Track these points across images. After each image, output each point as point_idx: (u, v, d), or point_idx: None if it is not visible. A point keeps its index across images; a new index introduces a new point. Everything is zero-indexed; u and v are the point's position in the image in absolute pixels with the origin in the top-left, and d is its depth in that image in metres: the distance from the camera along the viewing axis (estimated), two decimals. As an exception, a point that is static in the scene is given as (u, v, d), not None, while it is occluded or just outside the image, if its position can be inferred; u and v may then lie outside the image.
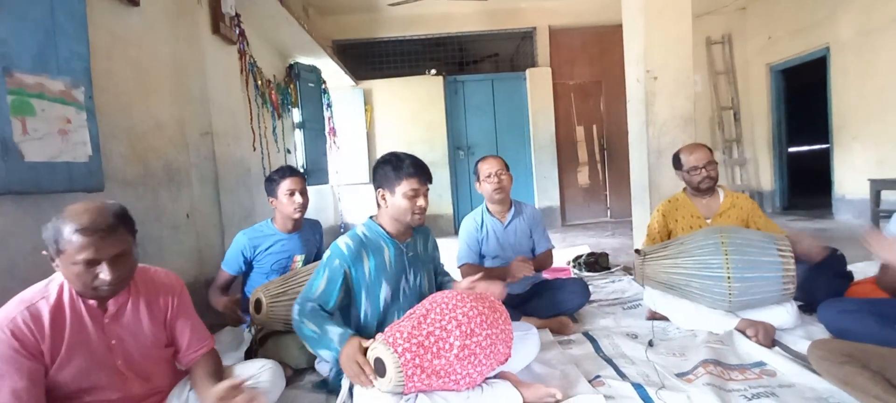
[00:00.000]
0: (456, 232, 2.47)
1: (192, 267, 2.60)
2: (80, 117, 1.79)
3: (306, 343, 1.56)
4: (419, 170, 1.63)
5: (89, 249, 1.13)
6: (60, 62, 1.72)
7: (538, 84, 6.21)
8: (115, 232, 1.17)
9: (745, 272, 1.89)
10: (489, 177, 2.31)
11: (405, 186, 1.60)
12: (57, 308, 1.20)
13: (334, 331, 1.49)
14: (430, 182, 1.68)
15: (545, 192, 6.28)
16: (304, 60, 4.93)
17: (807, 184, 6.52)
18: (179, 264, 2.47)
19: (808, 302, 2.16)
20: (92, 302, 1.24)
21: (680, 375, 1.68)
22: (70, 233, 1.12)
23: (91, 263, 1.14)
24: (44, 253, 1.18)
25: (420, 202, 1.63)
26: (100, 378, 1.24)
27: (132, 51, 2.29)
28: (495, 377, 1.59)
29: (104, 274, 1.16)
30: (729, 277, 1.89)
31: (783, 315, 1.98)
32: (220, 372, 1.44)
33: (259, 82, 3.88)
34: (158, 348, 1.36)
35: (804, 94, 6.48)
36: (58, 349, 1.18)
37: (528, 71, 6.24)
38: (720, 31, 6.26)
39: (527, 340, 1.79)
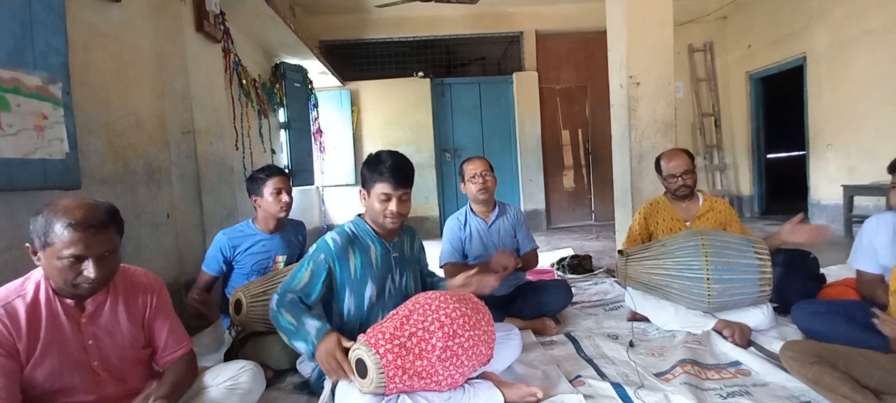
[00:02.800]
0: (442, 234, 2.48)
1: (171, 268, 2.56)
2: (57, 113, 1.75)
3: (281, 334, 1.53)
4: (394, 175, 1.55)
5: (78, 245, 1.11)
6: (37, 56, 1.68)
7: (525, 88, 6.27)
8: (106, 230, 1.16)
9: (723, 274, 1.94)
10: (474, 177, 2.33)
11: (378, 189, 1.57)
12: (33, 306, 1.18)
13: (312, 324, 1.47)
14: (408, 186, 1.61)
15: (531, 196, 6.33)
16: (291, 60, 4.89)
17: (784, 189, 6.69)
18: (159, 264, 2.43)
19: (783, 304, 2.22)
20: (69, 300, 1.22)
21: (658, 374, 1.71)
22: (61, 227, 1.10)
23: (78, 259, 1.13)
24: (27, 246, 1.16)
25: (391, 207, 1.57)
26: (73, 379, 1.22)
27: (112, 46, 2.25)
28: (477, 377, 1.60)
29: (89, 271, 1.14)
30: (708, 278, 1.93)
31: (759, 316, 2.03)
32: (193, 375, 1.42)
33: (243, 81, 3.85)
34: (135, 349, 1.34)
35: (782, 102, 6.66)
36: (33, 348, 1.16)
37: (514, 75, 6.29)
38: (702, 38, 6.40)
39: (509, 341, 1.80)
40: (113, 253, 1.20)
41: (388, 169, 1.56)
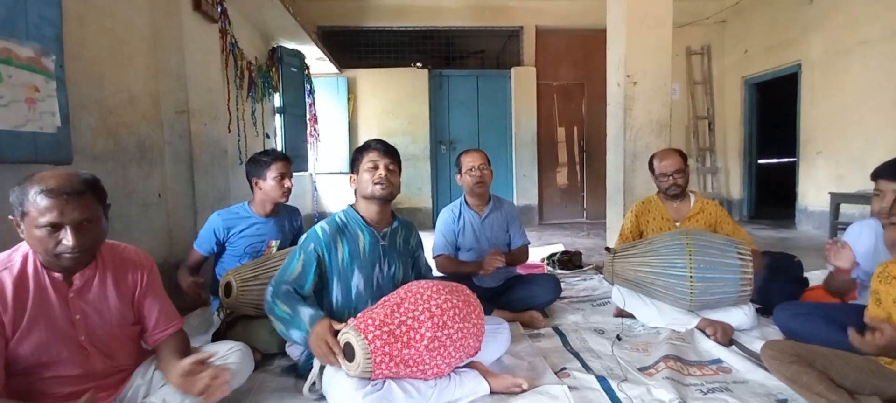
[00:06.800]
0: (434, 226, 2.49)
1: (162, 248, 2.55)
2: (50, 86, 1.74)
3: (277, 325, 1.54)
4: (380, 144, 1.68)
5: (53, 212, 1.10)
6: (30, 27, 1.66)
7: (522, 83, 6.27)
8: (82, 197, 1.14)
9: (706, 272, 1.97)
10: (471, 169, 2.34)
11: (365, 161, 1.65)
12: (20, 279, 1.17)
13: (306, 312, 1.49)
14: (393, 157, 1.68)
15: (524, 191, 6.36)
16: (288, 44, 4.85)
17: (773, 194, 6.78)
18: (149, 244, 2.42)
19: (765, 305, 2.26)
20: (57, 274, 1.21)
21: (642, 369, 1.75)
22: (35, 194, 1.10)
23: (54, 227, 1.12)
24: (10, 218, 1.15)
25: (380, 172, 1.63)
26: (60, 353, 1.21)
27: (107, 20, 2.22)
28: (464, 366, 1.61)
29: (67, 239, 1.13)
30: (691, 276, 1.97)
31: (741, 316, 2.08)
32: (187, 351, 1.42)
33: (239, 63, 3.81)
34: (124, 325, 1.34)
35: (775, 108, 6.72)
36: (19, 321, 1.15)
37: (513, 69, 6.29)
38: (700, 42, 6.43)
39: (498, 335, 1.82)
40: (93, 222, 1.18)
41: (374, 142, 1.69)
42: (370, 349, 1.34)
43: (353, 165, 1.71)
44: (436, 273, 2.39)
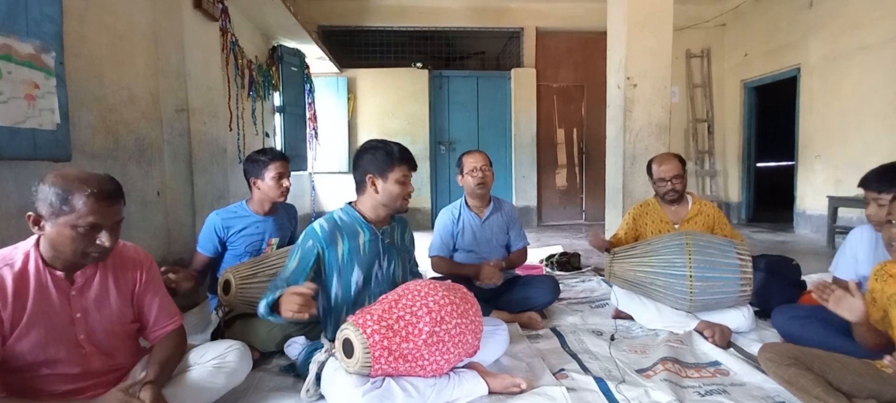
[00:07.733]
0: (433, 227, 2.49)
1: (160, 246, 2.54)
2: (49, 83, 1.73)
3: (260, 309, 1.49)
4: (409, 159, 1.70)
5: (97, 214, 1.15)
6: (30, 24, 1.65)
7: (522, 84, 6.27)
8: (119, 201, 1.22)
9: (706, 271, 1.98)
10: (473, 171, 2.34)
11: (397, 173, 1.65)
12: (21, 276, 1.17)
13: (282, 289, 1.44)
14: (416, 169, 1.74)
15: (523, 192, 6.36)
16: (289, 43, 4.85)
17: (771, 198, 6.79)
18: (147, 242, 2.41)
19: (763, 308, 2.27)
20: (59, 272, 1.21)
21: (640, 371, 1.75)
22: (81, 197, 1.13)
23: (94, 228, 1.16)
24: (29, 214, 1.15)
25: (409, 188, 1.70)
26: (59, 352, 1.21)
27: (107, 17, 2.22)
28: (463, 367, 1.62)
29: (104, 239, 1.18)
30: (691, 276, 1.97)
31: (739, 318, 2.08)
32: (182, 350, 1.42)
33: (240, 62, 3.81)
34: (123, 323, 1.34)
35: (774, 112, 6.73)
36: (19, 318, 1.15)
37: (513, 71, 6.29)
38: (700, 45, 6.45)
39: (497, 335, 1.83)
40: (120, 223, 1.24)
41: (402, 152, 1.69)
42: (369, 343, 1.35)
43: (372, 166, 1.64)
44: (432, 273, 2.40)
